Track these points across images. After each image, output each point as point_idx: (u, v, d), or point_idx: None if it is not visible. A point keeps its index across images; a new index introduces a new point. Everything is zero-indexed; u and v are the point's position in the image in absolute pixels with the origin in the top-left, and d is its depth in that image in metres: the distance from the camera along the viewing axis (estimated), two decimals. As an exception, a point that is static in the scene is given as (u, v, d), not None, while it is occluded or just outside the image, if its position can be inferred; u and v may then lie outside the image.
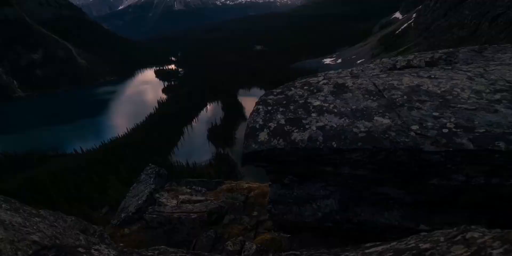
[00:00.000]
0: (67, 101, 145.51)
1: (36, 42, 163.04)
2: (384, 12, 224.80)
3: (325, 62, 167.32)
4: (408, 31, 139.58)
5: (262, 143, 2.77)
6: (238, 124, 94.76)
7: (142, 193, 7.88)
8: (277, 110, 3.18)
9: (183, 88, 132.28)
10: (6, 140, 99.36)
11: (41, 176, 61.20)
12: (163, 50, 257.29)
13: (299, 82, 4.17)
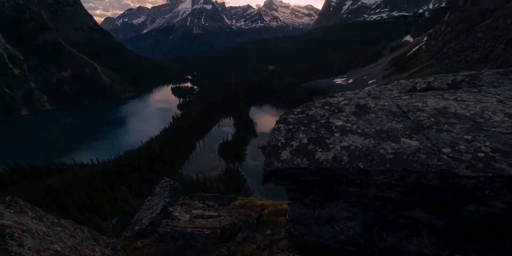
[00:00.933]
0: (89, 114, 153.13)
1: (67, 61, 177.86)
2: (394, 36, 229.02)
3: (336, 82, 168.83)
4: (420, 53, 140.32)
5: (285, 162, 2.76)
6: (248, 140, 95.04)
7: (156, 206, 7.85)
8: (299, 129, 3.20)
9: (197, 105, 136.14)
10: (30, 149, 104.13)
11: (58, 184, 62.68)
12: (180, 69, 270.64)
13: (319, 102, 4.22)
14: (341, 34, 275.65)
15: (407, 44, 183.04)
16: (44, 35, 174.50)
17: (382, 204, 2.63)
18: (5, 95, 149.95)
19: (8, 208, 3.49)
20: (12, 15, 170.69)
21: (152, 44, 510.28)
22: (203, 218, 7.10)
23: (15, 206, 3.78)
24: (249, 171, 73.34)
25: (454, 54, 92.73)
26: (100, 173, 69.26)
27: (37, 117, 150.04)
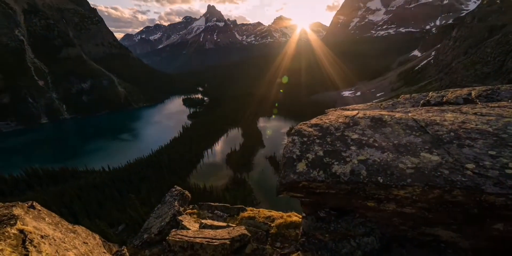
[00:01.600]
0: (104, 123, 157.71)
1: (87, 74, 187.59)
2: (402, 51, 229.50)
3: (344, 94, 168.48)
4: (428, 67, 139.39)
5: (301, 174, 2.73)
6: (256, 151, 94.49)
7: (166, 215, 7.74)
8: (314, 142, 3.18)
9: (207, 115, 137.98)
10: (46, 155, 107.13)
11: (70, 190, 63.42)
12: (192, 81, 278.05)
13: (333, 114, 4.20)
14: (348, 48, 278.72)
15: (415, 58, 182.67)
16: (68, 50, 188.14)
17: (402, 220, 2.52)
18: (29, 104, 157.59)
19: (27, 213, 3.56)
20: (43, 33, 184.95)
21: (166, 58, 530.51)
22: (212, 229, 6.94)
23: (33, 211, 3.86)
24: (256, 181, 72.42)
25: (464, 68, 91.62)
26: (110, 180, 69.87)
27: (55, 125, 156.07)
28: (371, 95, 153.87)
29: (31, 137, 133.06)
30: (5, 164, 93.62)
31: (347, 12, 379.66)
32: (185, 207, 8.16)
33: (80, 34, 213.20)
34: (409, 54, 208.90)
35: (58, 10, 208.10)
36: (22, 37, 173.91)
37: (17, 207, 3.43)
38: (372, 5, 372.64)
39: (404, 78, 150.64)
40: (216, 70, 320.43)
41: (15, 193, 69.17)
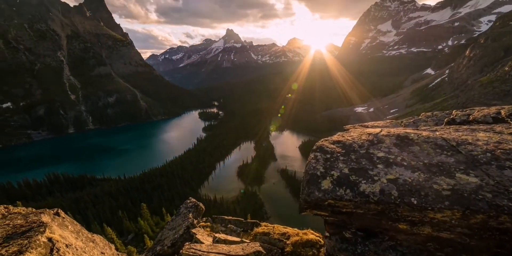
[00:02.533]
0: (124, 134, 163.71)
1: (113, 89, 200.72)
2: (414, 69, 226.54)
3: (357, 110, 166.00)
4: (442, 85, 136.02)
5: (327, 192, 2.60)
6: (268, 164, 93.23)
7: (180, 227, 7.58)
8: (338, 159, 3.07)
9: (221, 128, 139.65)
10: (69, 162, 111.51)
11: (86, 197, 64.48)
12: (208, 96, 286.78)
13: (354, 131, 4.09)
14: (360, 67, 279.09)
15: (429, 76, 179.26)
16: (100, 69, 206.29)
17: (438, 245, 2.29)
18: (60, 116, 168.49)
19: (53, 220, 3.60)
20: (80, 54, 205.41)
21: (186, 75, 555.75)
22: (225, 243, 6.67)
23: (58, 219, 3.89)
24: (266, 195, 70.58)
25: (481, 86, 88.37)
26: (124, 189, 70.44)
27: (80, 135, 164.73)
28: (384, 111, 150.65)
29: (58, 146, 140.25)
30: (32, 170, 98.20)
31: (358, 34, 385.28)
32: (199, 220, 7.96)
33: (111, 55, 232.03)
34: (422, 72, 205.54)
35: (96, 35, 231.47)
36: (62, 58, 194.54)
37: (45, 214, 3.48)
38: (382, 27, 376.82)
39: (418, 95, 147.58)
40: (231, 86, 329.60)
41: (36, 198, 71.28)
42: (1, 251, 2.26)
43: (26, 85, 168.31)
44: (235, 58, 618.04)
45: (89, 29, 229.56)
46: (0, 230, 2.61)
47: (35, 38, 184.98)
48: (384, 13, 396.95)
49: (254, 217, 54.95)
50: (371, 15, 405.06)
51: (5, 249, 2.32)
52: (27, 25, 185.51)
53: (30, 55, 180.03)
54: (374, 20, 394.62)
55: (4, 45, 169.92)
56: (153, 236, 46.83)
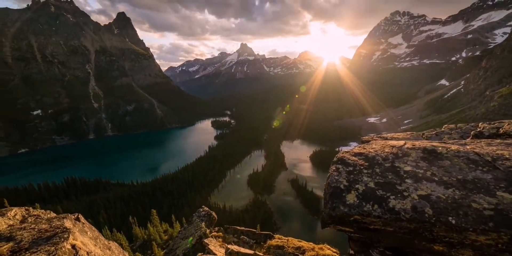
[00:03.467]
0: (139, 140, 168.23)
1: (132, 98, 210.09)
2: (427, 80, 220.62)
3: (369, 120, 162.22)
4: (459, 96, 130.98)
5: (352, 207, 2.43)
6: (278, 173, 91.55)
7: (192, 236, 7.44)
8: (361, 172, 2.90)
9: (232, 137, 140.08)
10: (86, 166, 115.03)
11: (99, 201, 65.18)
12: (221, 106, 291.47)
13: (376, 144, 3.90)
14: (372, 78, 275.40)
15: (443, 87, 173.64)
16: (122, 80, 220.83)
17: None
18: (82, 123, 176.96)
19: (75, 226, 3.60)
20: (105, 67, 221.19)
21: (201, 86, 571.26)
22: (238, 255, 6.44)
23: (79, 224, 3.90)
24: (276, 204, 68.59)
25: (501, 97, 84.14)
26: (136, 194, 70.56)
27: (99, 141, 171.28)
28: (398, 122, 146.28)
29: (78, 150, 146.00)
30: (52, 173, 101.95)
31: (368, 47, 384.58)
32: (211, 229, 7.76)
33: (133, 67, 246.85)
34: (436, 83, 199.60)
35: (121, 50, 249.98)
36: (89, 70, 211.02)
37: (67, 219, 3.50)
38: (393, 40, 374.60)
39: (432, 106, 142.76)
40: (244, 96, 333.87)
41: (54, 201, 73.00)
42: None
43: (56, 94, 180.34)
44: (248, 69, 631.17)
45: (115, 44, 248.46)
46: (27, 234, 2.65)
47: (68, 53, 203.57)
48: (394, 27, 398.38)
49: (263, 228, 53.39)
50: (381, 29, 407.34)
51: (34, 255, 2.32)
52: (63, 42, 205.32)
53: (62, 67, 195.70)
54: (384, 34, 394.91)
55: (41, 60, 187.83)
56: (161, 244, 46.20)
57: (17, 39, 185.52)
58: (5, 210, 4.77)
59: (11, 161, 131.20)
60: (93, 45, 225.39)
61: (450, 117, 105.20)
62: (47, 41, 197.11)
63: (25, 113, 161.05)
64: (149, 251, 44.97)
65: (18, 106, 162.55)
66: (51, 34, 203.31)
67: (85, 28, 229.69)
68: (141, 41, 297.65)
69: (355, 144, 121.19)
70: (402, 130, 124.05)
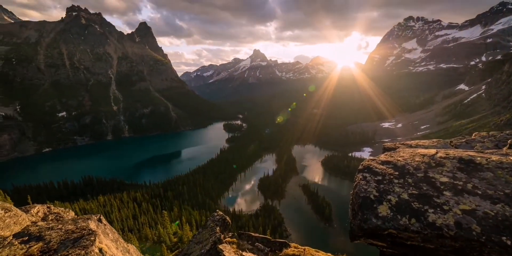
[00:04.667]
0: (154, 142, 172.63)
1: (149, 101, 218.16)
2: (445, 85, 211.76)
3: (383, 125, 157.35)
4: (480, 101, 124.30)
5: (386, 220, 2.24)
6: (289, 178, 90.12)
7: (207, 241, 7.28)
8: (392, 182, 2.70)
9: (244, 140, 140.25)
10: (104, 166, 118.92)
11: (113, 200, 66.23)
12: (233, 110, 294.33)
13: (404, 152, 3.67)
14: (386, 83, 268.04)
15: (462, 92, 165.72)
16: (140, 84, 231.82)
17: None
18: (102, 125, 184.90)
19: (98, 227, 3.64)
20: (126, 72, 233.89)
21: (215, 90, 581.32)
22: (253, 263, 6.25)
23: (101, 226, 3.94)
24: (287, 210, 67.13)
25: (526, 103, 78.96)
26: (148, 195, 71.21)
27: (116, 142, 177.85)
28: (414, 127, 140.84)
29: (96, 150, 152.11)
30: (72, 172, 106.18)
31: (382, 51, 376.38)
32: (225, 234, 7.58)
33: (151, 72, 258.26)
34: (454, 88, 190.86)
35: (140, 56, 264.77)
36: (111, 75, 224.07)
37: (91, 220, 3.53)
38: (407, 45, 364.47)
39: (451, 111, 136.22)
40: (256, 100, 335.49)
41: (71, 198, 75.67)
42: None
43: (80, 98, 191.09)
44: (261, 74, 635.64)
45: (136, 51, 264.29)
46: (55, 235, 2.69)
47: (93, 59, 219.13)
48: (408, 32, 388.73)
49: (274, 234, 52.33)
50: (395, 34, 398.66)
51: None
52: (89, 49, 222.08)
53: (87, 73, 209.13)
54: (398, 39, 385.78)
55: (69, 66, 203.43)
56: (170, 246, 46.22)
57: (50, 48, 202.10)
58: (29, 207, 4.98)
59: (36, 159, 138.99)
60: (116, 52, 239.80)
61: (471, 123, 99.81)
62: (76, 49, 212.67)
63: (51, 115, 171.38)
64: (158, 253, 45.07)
65: (46, 108, 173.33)
66: (80, 43, 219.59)
67: (109, 37, 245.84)
68: (160, 48, 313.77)
69: (369, 150, 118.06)
70: (419, 135, 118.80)
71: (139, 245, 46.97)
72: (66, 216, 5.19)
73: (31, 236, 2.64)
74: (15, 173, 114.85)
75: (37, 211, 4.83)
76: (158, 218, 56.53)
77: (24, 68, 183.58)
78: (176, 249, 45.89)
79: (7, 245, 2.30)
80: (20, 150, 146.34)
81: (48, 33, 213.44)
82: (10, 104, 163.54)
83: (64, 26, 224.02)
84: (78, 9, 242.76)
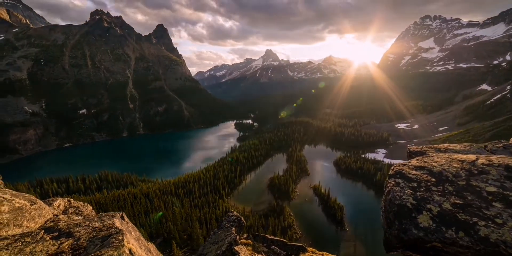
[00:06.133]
0: (167, 140, 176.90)
1: (163, 100, 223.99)
2: (465, 85, 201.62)
3: (399, 126, 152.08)
4: (505, 102, 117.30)
5: (429, 231, 2.03)
6: (300, 178, 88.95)
7: (222, 242, 7.20)
8: (429, 189, 2.47)
9: (255, 139, 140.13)
10: (119, 162, 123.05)
11: (127, 196, 67.99)
12: (245, 108, 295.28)
13: (437, 156, 3.42)
14: (402, 83, 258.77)
15: (485, 92, 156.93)
16: (156, 83, 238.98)
17: None
18: (118, 122, 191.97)
19: (122, 225, 3.65)
20: (142, 72, 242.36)
21: (227, 89, 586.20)
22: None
23: (124, 223, 3.94)
24: (297, 212, 65.97)
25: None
26: (160, 191, 72.37)
27: (131, 138, 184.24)
28: (431, 128, 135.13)
29: (113, 146, 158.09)
30: (89, 166, 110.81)
31: (397, 51, 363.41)
32: (240, 235, 7.49)
33: (166, 72, 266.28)
34: (476, 88, 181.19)
35: (157, 56, 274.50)
36: (129, 74, 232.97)
37: (116, 218, 3.52)
38: (424, 44, 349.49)
39: (472, 112, 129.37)
40: (267, 99, 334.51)
41: (87, 193, 78.88)
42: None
43: (99, 96, 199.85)
44: (272, 74, 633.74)
45: (152, 52, 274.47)
46: (83, 232, 2.71)
47: (113, 60, 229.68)
48: (425, 31, 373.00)
49: (284, 236, 51.78)
50: (411, 34, 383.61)
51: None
52: (109, 50, 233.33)
53: (107, 72, 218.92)
54: (414, 38, 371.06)
55: (91, 66, 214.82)
56: (180, 243, 46.90)
57: (74, 49, 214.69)
58: (51, 200, 5.16)
59: (57, 153, 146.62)
60: (134, 53, 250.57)
61: (495, 125, 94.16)
62: (97, 50, 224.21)
63: (73, 112, 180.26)
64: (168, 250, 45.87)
65: (68, 105, 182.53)
66: (101, 44, 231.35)
67: (128, 39, 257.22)
68: (175, 48, 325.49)
69: (383, 151, 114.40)
70: (437, 137, 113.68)
71: (151, 241, 47.84)
72: (84, 210, 5.34)
73: (61, 231, 2.68)
74: (39, 167, 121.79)
75: (59, 204, 5.00)
76: (169, 214, 57.33)
77: (51, 68, 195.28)
78: (185, 247, 46.67)
79: (40, 240, 2.35)
80: (44, 145, 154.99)
81: (74, 36, 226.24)
82: (37, 102, 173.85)
83: (88, 28, 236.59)
84: (101, 12, 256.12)
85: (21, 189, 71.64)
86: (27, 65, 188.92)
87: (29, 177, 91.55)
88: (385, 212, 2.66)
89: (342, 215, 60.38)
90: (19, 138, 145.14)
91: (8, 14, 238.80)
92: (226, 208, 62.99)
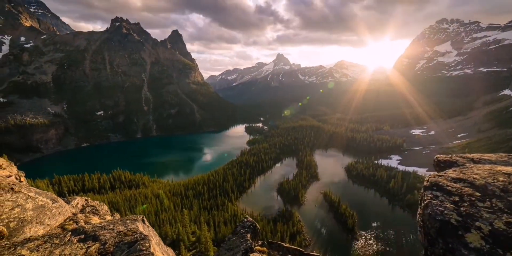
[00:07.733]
0: (178, 142, 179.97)
1: (176, 103, 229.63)
2: (485, 90, 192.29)
3: (413, 132, 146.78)
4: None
5: (482, 253, 1.86)
6: (310, 183, 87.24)
7: (237, 249, 7.03)
8: (475, 205, 2.25)
9: (265, 143, 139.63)
10: (132, 163, 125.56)
11: (138, 196, 68.90)
12: (255, 112, 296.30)
13: (477, 168, 3.16)
14: (417, 88, 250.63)
15: (507, 98, 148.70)
16: (169, 86, 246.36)
17: None
18: (133, 123, 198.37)
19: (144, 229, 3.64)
20: (157, 75, 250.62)
21: (238, 93, 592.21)
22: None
23: (146, 228, 3.91)
24: (307, 217, 64.46)
25: None
26: (170, 192, 72.94)
27: (145, 140, 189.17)
28: (449, 135, 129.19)
29: (127, 147, 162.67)
30: (104, 166, 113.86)
31: (412, 55, 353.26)
32: (255, 242, 7.32)
33: (180, 76, 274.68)
34: (498, 93, 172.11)
35: (171, 61, 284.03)
36: (144, 78, 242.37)
37: (138, 221, 3.54)
38: (440, 48, 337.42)
39: (494, 118, 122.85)
40: (278, 103, 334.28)
41: (101, 191, 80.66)
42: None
43: (116, 98, 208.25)
44: (283, 78, 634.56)
45: (167, 56, 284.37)
46: (109, 236, 2.70)
47: (130, 64, 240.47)
48: (441, 35, 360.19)
49: (293, 241, 50.70)
50: (426, 37, 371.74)
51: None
52: (127, 55, 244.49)
53: (124, 76, 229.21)
54: (429, 42, 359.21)
55: (109, 70, 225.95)
56: (188, 246, 46.80)
57: (95, 54, 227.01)
58: (70, 198, 5.28)
59: (75, 153, 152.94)
60: (150, 57, 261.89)
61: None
62: (116, 55, 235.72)
63: (91, 114, 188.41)
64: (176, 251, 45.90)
65: (87, 107, 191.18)
66: (120, 49, 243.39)
67: (145, 44, 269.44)
68: (189, 53, 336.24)
69: (397, 158, 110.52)
70: (455, 144, 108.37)
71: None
72: (100, 210, 5.42)
73: (86, 234, 2.69)
74: (58, 165, 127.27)
75: (77, 203, 5.11)
76: (178, 216, 57.62)
77: (73, 72, 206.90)
78: (193, 249, 46.64)
79: (68, 242, 2.35)
80: (64, 144, 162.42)
81: (95, 42, 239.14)
82: (59, 103, 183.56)
83: (108, 35, 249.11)
84: (120, 20, 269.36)
85: (41, 186, 74.79)
86: (52, 69, 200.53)
87: (48, 175, 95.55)
88: (424, 227, 2.46)
89: (353, 223, 58.30)
90: (42, 137, 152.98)
91: (38, 23, 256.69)
92: (234, 211, 62.64)
